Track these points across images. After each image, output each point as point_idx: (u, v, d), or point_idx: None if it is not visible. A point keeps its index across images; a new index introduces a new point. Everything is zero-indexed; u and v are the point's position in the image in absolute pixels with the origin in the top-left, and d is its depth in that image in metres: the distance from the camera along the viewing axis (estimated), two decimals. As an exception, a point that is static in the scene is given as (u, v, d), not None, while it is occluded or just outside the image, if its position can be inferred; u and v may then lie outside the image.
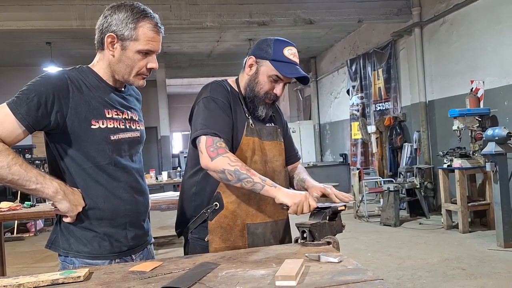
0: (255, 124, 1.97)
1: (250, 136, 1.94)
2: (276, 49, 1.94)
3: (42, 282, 1.36)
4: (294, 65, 1.94)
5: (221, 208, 1.90)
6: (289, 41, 2.00)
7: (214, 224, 1.90)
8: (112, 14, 1.68)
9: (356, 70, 10.52)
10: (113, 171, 1.69)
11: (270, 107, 2.01)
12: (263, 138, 1.98)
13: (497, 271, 4.43)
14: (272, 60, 1.93)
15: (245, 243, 1.91)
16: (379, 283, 1.23)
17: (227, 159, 1.76)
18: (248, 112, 1.98)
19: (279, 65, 1.92)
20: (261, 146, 1.96)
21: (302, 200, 1.70)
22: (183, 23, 7.57)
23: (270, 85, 1.95)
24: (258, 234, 1.93)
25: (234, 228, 1.90)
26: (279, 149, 2.05)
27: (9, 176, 1.53)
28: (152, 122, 13.43)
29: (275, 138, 2.03)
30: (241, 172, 1.74)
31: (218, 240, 1.90)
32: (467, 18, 6.92)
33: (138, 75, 1.73)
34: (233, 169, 1.75)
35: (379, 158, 9.27)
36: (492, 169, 5.30)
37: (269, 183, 1.76)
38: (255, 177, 1.75)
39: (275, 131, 2.05)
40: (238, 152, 1.89)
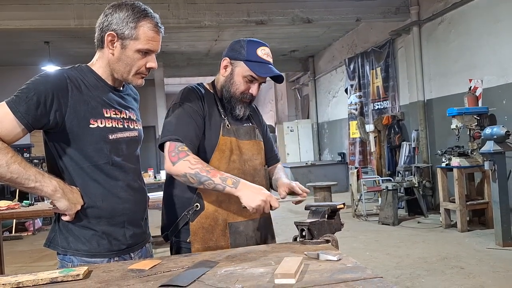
0: (232, 124, 2.00)
1: (227, 136, 1.97)
2: (249, 50, 1.97)
3: (41, 281, 1.35)
4: (268, 64, 1.97)
5: (202, 209, 1.92)
6: (262, 41, 2.04)
7: (195, 225, 1.92)
8: (113, 12, 1.68)
9: (354, 69, 10.53)
10: (111, 170, 1.70)
11: (247, 107, 2.04)
12: (241, 138, 2.01)
13: (495, 270, 4.44)
14: (246, 60, 1.96)
15: (227, 242, 1.92)
16: (378, 281, 1.23)
17: (187, 162, 1.79)
18: (224, 113, 2.01)
19: (253, 65, 1.95)
20: (238, 146, 1.99)
21: (261, 204, 1.72)
22: (181, 22, 7.56)
23: (246, 86, 1.98)
24: (240, 232, 1.95)
25: (216, 228, 1.92)
26: (258, 147, 2.07)
27: (8, 174, 1.53)
28: (150, 121, 13.41)
29: (253, 137, 2.06)
30: (202, 175, 1.77)
31: (200, 240, 1.91)
32: (465, 16, 6.92)
33: (137, 74, 1.73)
34: (193, 172, 1.78)
35: (378, 157, 9.27)
36: (490, 168, 5.31)
37: (230, 183, 1.77)
38: (215, 179, 1.77)
39: (253, 130, 2.08)
40: (216, 153, 1.93)
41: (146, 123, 13.79)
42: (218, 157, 1.93)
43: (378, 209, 7.55)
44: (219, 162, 1.92)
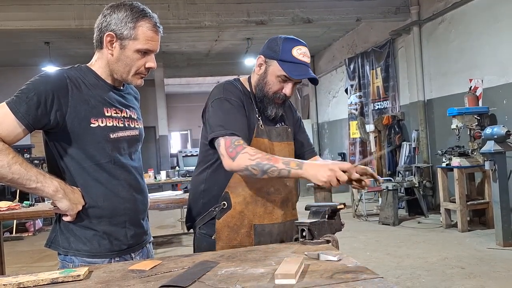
0: (265, 125, 1.96)
1: (260, 137, 1.92)
2: (284, 49, 1.90)
3: (41, 281, 1.35)
4: (303, 65, 1.89)
5: (229, 208, 1.90)
6: (300, 40, 1.96)
7: (221, 223, 1.91)
8: (111, 13, 1.68)
9: (355, 69, 10.52)
10: (112, 169, 1.70)
11: (280, 107, 1.97)
12: (273, 139, 1.97)
13: (496, 270, 4.44)
14: (279, 60, 1.89)
15: (251, 243, 1.90)
16: (379, 281, 1.23)
17: (246, 154, 1.74)
18: (258, 112, 1.96)
19: (286, 66, 1.88)
20: (270, 148, 1.94)
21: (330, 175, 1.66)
22: (181, 23, 7.56)
23: (279, 85, 1.92)
24: (265, 235, 1.93)
25: (241, 228, 1.91)
26: (289, 149, 2.03)
27: (9, 175, 1.53)
28: (151, 122, 13.41)
29: (285, 139, 2.02)
30: (263, 164, 1.72)
31: (225, 239, 1.90)
32: (465, 16, 6.92)
33: (136, 75, 1.73)
34: (255, 163, 1.73)
35: (378, 157, 9.27)
36: (491, 167, 5.31)
37: (294, 165, 1.72)
38: (278, 164, 1.72)
39: (285, 132, 2.03)
40: None
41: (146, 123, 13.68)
42: None
43: (379, 209, 7.55)
44: None
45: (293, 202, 2.05)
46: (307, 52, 1.92)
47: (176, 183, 8.09)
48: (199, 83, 16.81)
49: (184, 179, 7.56)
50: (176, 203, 4.50)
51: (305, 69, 1.90)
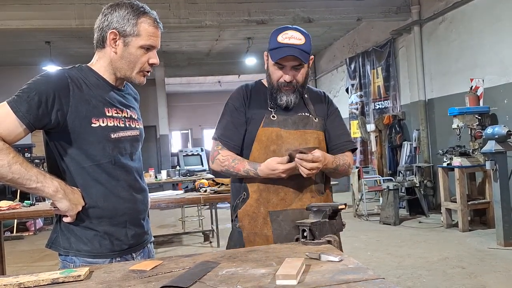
0: (280, 115, 2.03)
1: (269, 127, 2.01)
2: (272, 39, 2.00)
3: (42, 281, 1.35)
4: (287, 47, 1.94)
5: (247, 197, 2.02)
6: (290, 26, 2.02)
7: (242, 212, 2.03)
8: (112, 12, 1.70)
9: (355, 69, 10.51)
10: (112, 169, 1.70)
11: (291, 94, 2.01)
12: (287, 128, 2.02)
13: (497, 269, 4.43)
14: (270, 50, 2.00)
15: (270, 230, 1.99)
16: (380, 282, 1.23)
17: (218, 161, 2.02)
18: (273, 105, 2.05)
19: (272, 53, 1.98)
20: (282, 136, 2.00)
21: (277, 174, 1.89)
22: (182, 22, 7.56)
23: (278, 73, 2.00)
24: (280, 222, 1.99)
25: (259, 215, 2.00)
26: (308, 138, 2.04)
27: (9, 175, 1.53)
28: (151, 121, 13.40)
29: (302, 127, 2.04)
30: (230, 171, 2.00)
31: (247, 227, 2.01)
32: (466, 16, 6.91)
33: (140, 72, 1.74)
34: (224, 169, 2.01)
35: (379, 157, 9.27)
36: (492, 167, 5.30)
37: (252, 174, 1.95)
38: (240, 172, 1.97)
39: (303, 120, 2.05)
40: (255, 144, 2.02)
41: (147, 122, 13.78)
42: (258, 147, 2.01)
43: (379, 209, 7.54)
44: (258, 153, 2.01)
45: (314, 190, 2.04)
46: (295, 35, 1.97)
47: (176, 182, 8.09)
48: (200, 82, 16.79)
49: (185, 179, 7.56)
50: (176, 202, 4.50)
51: (287, 50, 1.94)
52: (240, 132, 2.04)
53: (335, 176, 2.13)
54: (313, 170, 1.87)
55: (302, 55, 1.95)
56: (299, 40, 1.96)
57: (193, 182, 6.34)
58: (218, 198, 4.18)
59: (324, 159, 1.91)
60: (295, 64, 1.97)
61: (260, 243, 1.97)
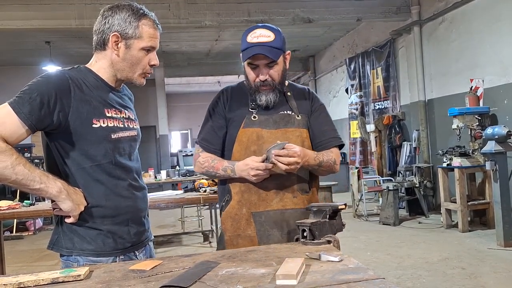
0: (262, 115, 2.02)
1: (249, 127, 2.00)
2: (242, 40, 1.98)
3: (42, 281, 1.35)
4: (255, 46, 1.92)
5: (230, 199, 2.01)
6: (261, 24, 2.02)
7: (225, 214, 2.03)
8: (112, 14, 1.70)
9: (355, 69, 10.52)
10: (112, 169, 1.71)
11: (269, 94, 1.99)
12: (268, 127, 2.00)
13: (497, 270, 4.43)
14: (242, 51, 1.98)
15: (253, 231, 1.98)
16: (380, 282, 1.22)
17: (199, 163, 2.06)
18: (255, 105, 2.04)
19: (243, 54, 1.96)
20: (262, 136, 1.99)
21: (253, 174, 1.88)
22: (181, 22, 7.56)
23: (253, 74, 1.99)
24: (262, 222, 1.97)
25: (241, 217, 1.99)
26: (290, 136, 2.00)
27: (13, 176, 1.53)
28: (151, 121, 13.40)
29: (283, 126, 2.01)
30: (210, 172, 2.03)
31: (230, 229, 2.00)
32: (466, 16, 6.91)
33: (142, 73, 1.76)
34: (204, 171, 2.05)
35: (378, 157, 9.27)
36: (492, 168, 5.30)
37: (230, 172, 1.96)
38: (219, 171, 1.99)
39: (285, 118, 2.03)
40: (236, 145, 2.01)
41: (146, 123, 13.83)
42: (238, 149, 2.00)
43: (379, 209, 7.55)
44: (239, 154, 2.00)
45: (296, 190, 2.01)
46: (263, 32, 1.94)
47: (176, 182, 8.09)
48: (200, 82, 16.79)
49: (184, 179, 7.56)
50: (176, 202, 4.50)
51: (256, 49, 1.92)
52: (219, 136, 2.05)
53: (320, 173, 2.07)
54: (291, 166, 1.84)
55: (271, 52, 1.92)
56: (268, 37, 1.93)
57: (192, 182, 6.35)
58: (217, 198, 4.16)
59: (303, 154, 1.89)
60: (266, 62, 1.95)
61: (244, 245, 1.93)
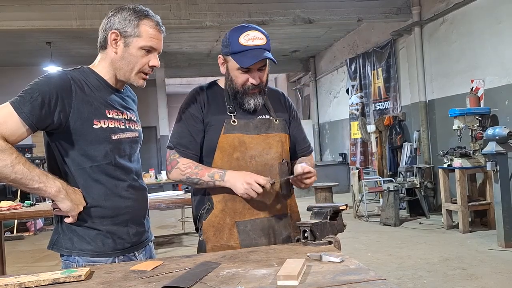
0: (241, 119, 1.93)
1: (230, 133, 1.90)
2: (232, 41, 1.87)
3: (43, 281, 1.35)
4: (254, 49, 1.84)
5: (212, 207, 1.91)
6: (248, 25, 1.92)
7: (207, 223, 1.92)
8: (115, 14, 1.73)
9: (356, 70, 10.52)
10: (112, 170, 1.71)
11: (258, 97, 1.92)
12: (249, 132, 1.92)
13: (498, 271, 4.42)
14: (231, 53, 1.87)
15: (236, 241, 1.89)
16: (381, 282, 1.22)
17: (178, 170, 1.90)
18: (233, 109, 1.94)
19: (237, 57, 1.85)
20: (244, 142, 1.90)
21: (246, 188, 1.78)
22: (182, 23, 7.57)
23: (244, 77, 1.89)
24: (248, 231, 1.90)
25: (224, 226, 1.90)
26: (271, 141, 1.95)
27: (12, 175, 1.53)
28: (152, 122, 13.41)
29: (264, 131, 1.95)
30: (192, 178, 1.87)
31: (212, 238, 1.90)
32: (467, 17, 6.91)
33: (139, 74, 1.75)
34: (185, 177, 1.89)
35: (379, 158, 9.26)
36: (492, 168, 5.30)
37: (217, 177, 1.84)
38: (204, 177, 1.86)
39: (265, 123, 1.96)
40: (217, 152, 1.90)
41: (147, 123, 13.83)
42: (220, 156, 1.90)
43: (380, 210, 7.54)
44: (221, 161, 1.90)
45: (280, 196, 1.97)
46: (257, 35, 1.86)
47: (177, 183, 8.06)
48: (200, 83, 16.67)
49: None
50: (177, 203, 4.51)
51: (256, 53, 1.84)
52: (197, 141, 1.92)
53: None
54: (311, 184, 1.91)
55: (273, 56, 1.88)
56: (262, 40, 1.86)
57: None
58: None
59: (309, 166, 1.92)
60: (261, 65, 1.89)
61: None
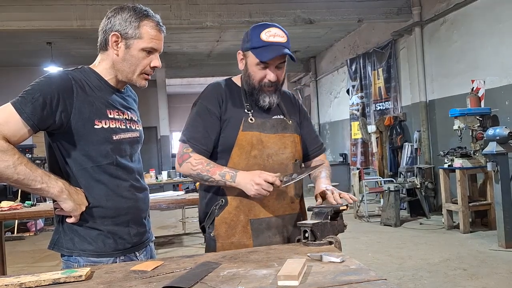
0: (258, 118, 1.94)
1: (248, 130, 1.91)
2: (253, 37, 1.89)
3: (43, 281, 1.35)
4: (274, 45, 1.86)
5: (226, 204, 1.91)
6: (270, 23, 1.94)
7: (219, 220, 1.91)
8: (115, 15, 1.71)
9: (356, 70, 10.52)
10: (114, 170, 1.71)
11: (272, 95, 1.94)
12: (266, 131, 1.94)
13: (498, 271, 4.42)
14: (252, 49, 1.89)
15: (249, 239, 1.89)
16: (382, 283, 1.22)
17: (189, 164, 1.87)
18: (250, 107, 1.95)
19: (257, 51, 1.87)
20: (262, 140, 1.92)
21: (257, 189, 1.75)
22: (183, 23, 7.57)
23: (261, 73, 1.90)
24: (262, 230, 1.90)
25: (238, 223, 1.90)
26: (286, 141, 1.98)
27: (14, 175, 1.52)
28: (152, 122, 13.42)
29: (280, 131, 1.98)
30: (203, 175, 1.85)
31: (224, 235, 1.90)
32: (467, 17, 6.91)
33: (142, 75, 1.75)
34: (195, 173, 1.87)
35: (379, 158, 9.26)
36: (493, 169, 5.29)
37: (228, 177, 1.81)
38: (215, 176, 1.83)
39: (281, 123, 1.99)
40: (235, 149, 1.90)
41: (148, 123, 13.82)
42: (238, 153, 1.90)
43: (380, 210, 7.54)
44: (239, 158, 1.90)
45: (293, 195, 1.99)
46: (278, 32, 1.89)
47: (177, 183, 8.09)
48: (201, 83, 16.79)
49: (186, 180, 7.55)
50: (177, 203, 4.51)
51: (276, 49, 1.86)
52: (211, 137, 1.92)
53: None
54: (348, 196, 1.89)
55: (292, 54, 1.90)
56: (283, 38, 1.89)
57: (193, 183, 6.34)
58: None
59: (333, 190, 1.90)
60: (279, 62, 1.90)
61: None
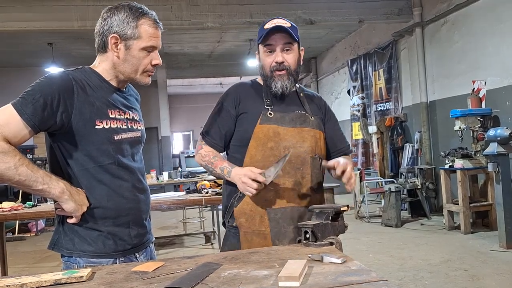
0: (277, 112, 2.03)
1: (266, 124, 2.00)
2: (260, 31, 2.04)
3: (45, 282, 1.35)
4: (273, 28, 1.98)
5: (243, 195, 1.98)
6: (278, 16, 2.07)
7: (238, 210, 2.00)
8: (111, 15, 1.70)
9: (357, 70, 10.51)
10: (116, 170, 1.70)
11: (284, 79, 2.02)
12: (285, 125, 2.02)
13: (499, 272, 4.42)
14: (258, 40, 2.05)
15: (267, 228, 1.96)
16: (383, 284, 1.22)
17: (199, 155, 2.08)
18: (270, 103, 2.05)
19: (261, 40, 2.02)
20: (279, 132, 2.00)
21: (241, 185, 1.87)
22: (184, 24, 7.57)
23: (269, 59, 2.03)
24: (278, 220, 1.97)
25: (256, 213, 1.98)
26: (305, 135, 2.04)
27: (16, 177, 1.52)
28: (153, 123, 13.42)
29: (299, 125, 2.05)
30: (209, 167, 2.04)
31: (244, 225, 1.99)
32: (468, 18, 6.91)
33: (144, 73, 1.75)
34: (204, 163, 2.06)
35: (380, 159, 9.25)
36: (494, 169, 5.29)
37: (226, 172, 1.96)
38: (217, 169, 2.00)
39: (300, 117, 2.06)
40: (252, 141, 2.00)
41: (148, 124, 13.82)
42: (255, 145, 1.99)
43: (381, 211, 7.53)
44: (255, 150, 1.99)
45: (310, 187, 2.04)
46: (281, 21, 2.01)
47: (178, 184, 8.09)
48: (202, 84, 16.82)
49: (187, 180, 7.56)
50: (178, 204, 4.51)
51: (275, 28, 1.98)
52: (222, 132, 2.06)
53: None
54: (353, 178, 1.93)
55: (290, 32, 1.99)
56: (285, 23, 2.00)
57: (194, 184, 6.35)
58: (219, 199, 4.14)
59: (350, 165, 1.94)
60: (284, 42, 2.00)
61: (258, 241, 1.95)
